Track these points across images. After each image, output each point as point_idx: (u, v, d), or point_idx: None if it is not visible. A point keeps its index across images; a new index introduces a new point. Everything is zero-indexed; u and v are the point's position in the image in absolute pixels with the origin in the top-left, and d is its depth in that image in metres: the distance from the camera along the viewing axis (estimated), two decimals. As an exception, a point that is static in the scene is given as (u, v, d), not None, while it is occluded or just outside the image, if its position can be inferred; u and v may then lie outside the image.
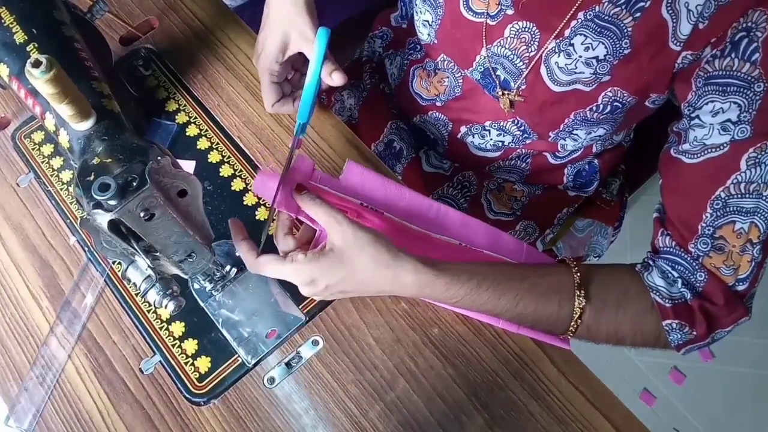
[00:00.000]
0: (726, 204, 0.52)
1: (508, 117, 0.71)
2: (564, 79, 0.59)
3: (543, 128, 0.68)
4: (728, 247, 0.53)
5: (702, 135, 0.53)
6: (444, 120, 0.78)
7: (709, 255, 0.54)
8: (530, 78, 0.62)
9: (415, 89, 0.80)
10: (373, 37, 0.91)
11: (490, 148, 0.77)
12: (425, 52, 0.78)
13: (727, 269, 0.54)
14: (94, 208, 0.42)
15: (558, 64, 0.59)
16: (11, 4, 0.54)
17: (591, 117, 0.62)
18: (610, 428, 0.55)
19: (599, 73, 0.57)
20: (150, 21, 0.80)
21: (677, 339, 0.55)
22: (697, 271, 0.55)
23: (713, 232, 0.53)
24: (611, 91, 0.58)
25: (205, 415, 0.57)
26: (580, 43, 0.56)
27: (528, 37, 0.60)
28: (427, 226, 0.58)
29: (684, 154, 0.55)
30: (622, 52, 0.55)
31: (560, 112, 0.63)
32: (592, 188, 0.82)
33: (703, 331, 0.55)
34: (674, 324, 0.55)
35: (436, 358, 0.58)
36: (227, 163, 0.70)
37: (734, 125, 0.51)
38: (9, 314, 0.63)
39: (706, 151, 0.53)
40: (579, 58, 0.57)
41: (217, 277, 0.61)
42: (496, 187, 0.83)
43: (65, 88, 0.42)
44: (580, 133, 0.66)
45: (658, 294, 0.55)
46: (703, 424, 1.33)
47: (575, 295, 0.55)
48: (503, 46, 0.62)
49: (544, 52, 0.59)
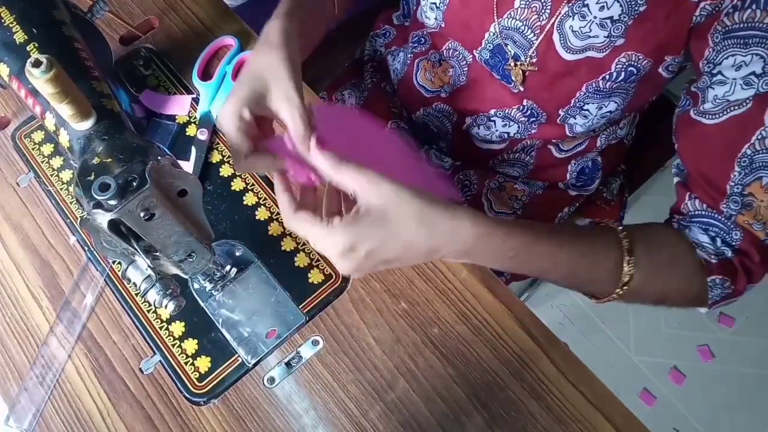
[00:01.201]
0: (752, 161, 0.52)
1: (513, 104, 0.70)
2: (577, 45, 0.59)
3: (553, 105, 0.67)
4: (756, 203, 0.53)
5: (723, 92, 0.52)
6: (449, 111, 0.78)
7: (742, 213, 0.54)
8: (542, 48, 0.61)
9: (419, 81, 0.80)
10: (374, 36, 0.91)
11: (495, 139, 0.77)
12: (430, 43, 0.77)
13: (759, 224, 0.54)
14: (94, 207, 0.42)
15: (572, 28, 0.58)
16: (11, 3, 0.54)
17: (604, 87, 0.61)
18: (610, 428, 0.55)
19: (613, 36, 0.57)
20: (150, 21, 0.80)
21: (716, 295, 0.55)
22: (732, 230, 0.55)
23: (742, 190, 0.53)
24: (625, 56, 0.58)
25: (205, 415, 0.57)
26: (595, 3, 0.56)
27: (539, 6, 0.60)
28: None
29: (704, 115, 0.54)
30: (637, 9, 0.54)
31: (572, 84, 0.63)
32: (594, 186, 0.82)
33: (742, 286, 0.55)
34: (717, 279, 0.55)
35: (436, 358, 0.58)
36: (227, 163, 0.70)
37: (758, 78, 0.50)
38: (9, 314, 0.63)
39: (730, 108, 0.52)
40: (594, 19, 0.56)
41: (217, 277, 0.61)
42: (496, 187, 0.83)
43: (65, 88, 0.42)
44: (591, 108, 0.65)
45: (704, 250, 0.55)
46: (703, 424, 1.33)
47: (625, 261, 0.54)
48: (514, 17, 0.62)
49: (557, 19, 0.59)
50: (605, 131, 0.75)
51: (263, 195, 0.67)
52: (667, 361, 1.40)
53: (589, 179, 0.81)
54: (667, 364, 1.40)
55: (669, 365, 1.39)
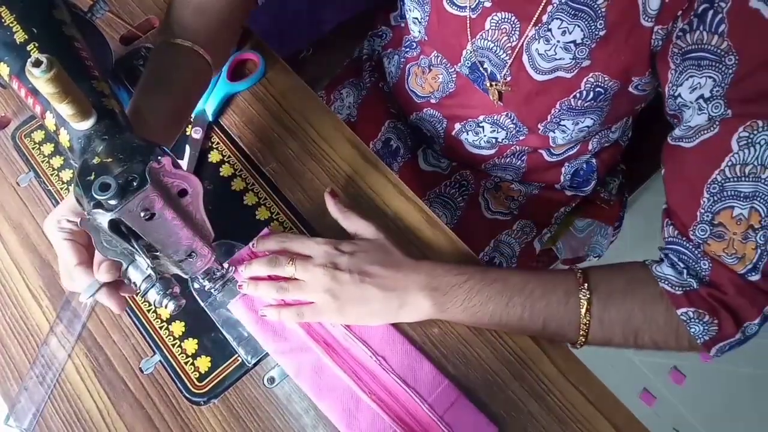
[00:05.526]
0: (723, 188, 0.50)
1: (500, 110, 0.71)
2: (545, 66, 0.59)
3: (531, 120, 0.68)
4: (728, 235, 0.50)
5: (687, 116, 0.52)
6: (439, 117, 0.79)
7: (708, 242, 0.51)
8: (514, 68, 0.62)
9: (410, 87, 0.80)
10: (373, 35, 0.92)
11: (485, 145, 0.77)
12: (420, 49, 0.78)
13: (730, 258, 0.51)
14: (94, 207, 0.42)
15: (538, 51, 0.59)
16: (11, 3, 0.53)
17: (576, 105, 0.62)
18: (610, 428, 0.55)
19: (578, 58, 0.57)
20: (150, 20, 0.80)
21: (700, 332, 0.52)
22: (700, 260, 0.52)
23: (712, 218, 0.51)
24: (593, 77, 0.58)
25: (205, 415, 0.57)
26: (557, 28, 0.56)
27: (508, 28, 0.60)
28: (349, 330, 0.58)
29: (681, 140, 0.53)
30: (597, 33, 0.54)
31: (546, 102, 0.63)
32: (590, 188, 0.82)
33: (729, 324, 0.51)
34: (690, 313, 0.52)
35: (436, 358, 0.58)
36: (227, 162, 0.70)
37: (706, 102, 0.49)
38: (9, 313, 0.63)
39: (698, 133, 0.51)
40: (557, 43, 0.57)
41: (217, 277, 0.60)
42: (493, 186, 0.83)
43: (65, 88, 0.42)
44: (567, 123, 0.65)
45: (667, 283, 0.53)
46: (703, 424, 1.33)
47: (579, 290, 0.54)
48: (486, 38, 0.63)
49: (525, 41, 0.59)
50: (596, 135, 0.75)
51: (263, 195, 0.67)
52: (667, 361, 1.40)
53: (584, 181, 0.81)
54: (667, 364, 1.39)
55: (669, 365, 1.39)
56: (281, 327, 0.59)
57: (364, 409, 0.55)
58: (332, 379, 0.56)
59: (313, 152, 0.69)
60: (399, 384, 0.55)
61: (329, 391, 0.56)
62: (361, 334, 0.58)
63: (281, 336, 0.58)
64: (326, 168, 0.68)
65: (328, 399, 0.56)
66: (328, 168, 0.68)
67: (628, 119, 0.78)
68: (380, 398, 0.55)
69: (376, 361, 0.56)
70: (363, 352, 0.57)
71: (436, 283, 0.56)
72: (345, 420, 0.55)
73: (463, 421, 0.54)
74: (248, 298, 0.60)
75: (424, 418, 0.54)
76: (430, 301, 0.56)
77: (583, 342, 0.56)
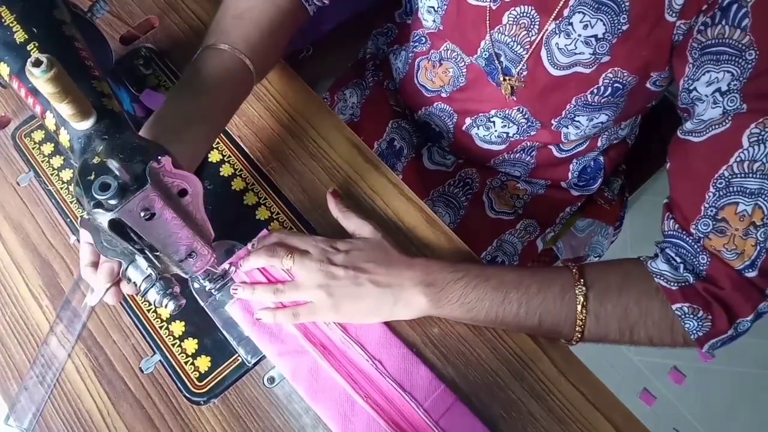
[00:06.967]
0: (729, 183, 0.50)
1: (512, 105, 0.71)
2: (564, 61, 0.59)
3: (545, 116, 0.68)
4: (730, 231, 0.51)
5: (699, 110, 0.52)
6: (449, 111, 0.78)
7: (709, 237, 0.52)
8: (531, 63, 0.62)
9: (420, 81, 0.80)
10: (377, 34, 0.91)
11: (495, 140, 0.77)
12: (430, 43, 0.78)
13: (729, 253, 0.51)
14: (94, 207, 0.42)
15: (558, 45, 0.59)
16: (11, 3, 0.53)
17: (592, 101, 0.62)
18: (610, 428, 0.55)
19: (599, 53, 0.57)
20: (150, 20, 0.80)
21: (694, 328, 0.52)
22: (699, 254, 0.53)
23: (716, 213, 0.51)
24: (611, 72, 0.58)
25: (205, 415, 0.57)
26: (579, 21, 0.56)
27: (527, 22, 0.60)
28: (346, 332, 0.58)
29: (690, 134, 0.53)
30: (620, 28, 0.54)
31: (561, 97, 0.63)
32: (596, 186, 0.82)
33: (722, 320, 0.52)
34: (685, 308, 0.52)
35: (436, 358, 0.58)
36: (227, 162, 0.70)
37: (722, 96, 0.49)
38: (9, 313, 0.63)
39: (709, 128, 0.51)
40: (578, 37, 0.57)
41: (217, 277, 0.60)
42: (498, 185, 0.83)
43: (65, 88, 0.42)
44: (582, 119, 0.65)
45: (663, 278, 0.54)
46: (703, 424, 1.33)
47: (575, 286, 0.54)
48: (503, 33, 0.63)
49: (545, 35, 0.59)
50: (606, 131, 0.75)
51: (263, 195, 0.67)
52: (667, 361, 1.40)
53: (591, 178, 0.81)
54: (667, 364, 1.39)
55: (669, 365, 1.39)
56: (278, 329, 0.59)
57: (359, 412, 0.55)
58: (328, 382, 0.56)
59: (313, 152, 0.69)
60: (395, 388, 0.55)
61: (325, 394, 0.56)
62: (357, 337, 0.58)
63: (278, 338, 0.58)
64: (326, 168, 0.68)
65: (323, 402, 0.56)
66: (329, 168, 0.68)
67: (638, 117, 0.79)
68: (376, 402, 0.55)
69: (373, 365, 0.56)
70: (359, 356, 0.57)
71: (431, 279, 0.56)
72: (340, 423, 0.55)
73: (458, 426, 0.54)
74: (245, 300, 0.60)
75: (419, 423, 0.54)
76: (425, 297, 0.56)
77: (579, 338, 0.56)
